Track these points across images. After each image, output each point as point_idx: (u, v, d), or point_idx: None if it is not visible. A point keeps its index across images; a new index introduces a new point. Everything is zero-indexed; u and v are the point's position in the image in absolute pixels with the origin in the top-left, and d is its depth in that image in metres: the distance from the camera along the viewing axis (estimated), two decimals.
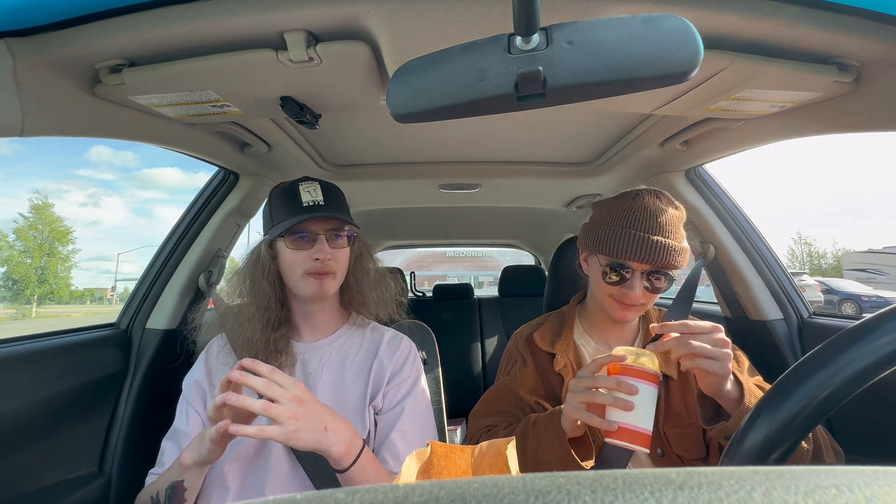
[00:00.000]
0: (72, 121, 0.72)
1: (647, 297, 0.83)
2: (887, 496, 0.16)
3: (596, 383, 0.67)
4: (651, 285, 0.82)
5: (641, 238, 0.79)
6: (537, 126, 1.19)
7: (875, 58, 0.64)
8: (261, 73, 0.68)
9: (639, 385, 0.64)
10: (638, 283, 0.81)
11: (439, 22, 0.58)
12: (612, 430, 0.64)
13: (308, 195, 0.84)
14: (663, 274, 0.82)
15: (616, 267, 0.83)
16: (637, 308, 0.85)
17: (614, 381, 0.65)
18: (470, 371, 2.31)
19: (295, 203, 0.83)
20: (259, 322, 0.83)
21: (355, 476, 0.67)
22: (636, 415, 0.63)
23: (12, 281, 40.11)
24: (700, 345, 0.66)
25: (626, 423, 0.64)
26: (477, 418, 0.96)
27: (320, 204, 0.84)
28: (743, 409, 0.67)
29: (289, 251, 0.83)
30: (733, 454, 0.40)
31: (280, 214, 0.84)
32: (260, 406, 0.60)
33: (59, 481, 0.97)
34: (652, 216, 0.82)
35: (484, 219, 2.34)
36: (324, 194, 0.85)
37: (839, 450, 0.73)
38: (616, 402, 0.64)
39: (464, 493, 0.16)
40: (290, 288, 0.87)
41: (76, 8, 0.55)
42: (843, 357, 0.37)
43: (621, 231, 0.82)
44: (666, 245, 0.79)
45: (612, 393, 0.65)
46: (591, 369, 0.70)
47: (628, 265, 0.82)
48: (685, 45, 0.34)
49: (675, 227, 0.83)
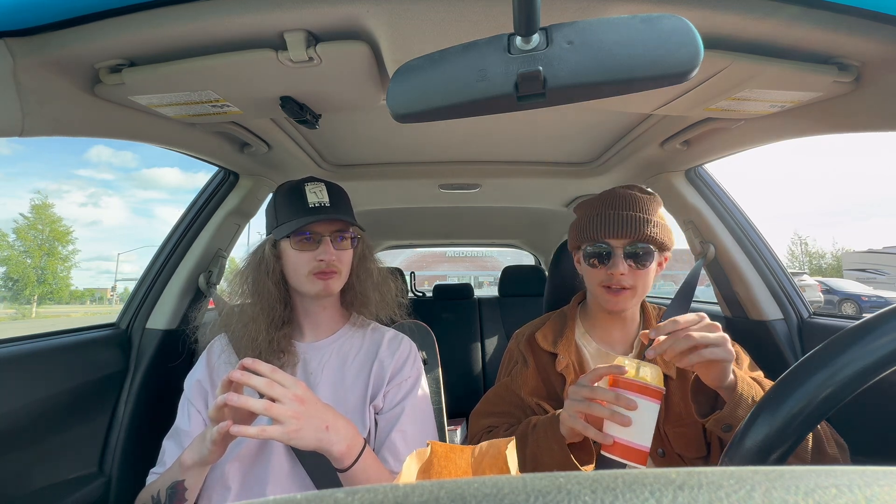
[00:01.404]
0: (72, 121, 0.72)
1: (634, 276, 0.84)
2: (887, 496, 0.16)
3: (595, 395, 0.66)
4: (635, 262, 0.84)
5: (615, 214, 0.85)
6: (537, 126, 1.18)
7: (875, 58, 0.64)
8: (261, 73, 0.68)
9: (638, 400, 0.63)
10: (620, 260, 0.84)
11: (439, 22, 0.58)
12: (608, 443, 0.63)
13: (314, 196, 0.84)
14: (643, 248, 0.84)
15: (597, 249, 0.87)
16: (627, 293, 0.85)
17: (613, 395, 0.64)
18: (470, 371, 2.31)
19: (300, 203, 0.83)
20: (263, 322, 0.83)
21: (357, 475, 0.67)
22: (633, 431, 0.62)
23: (12, 281, 40.12)
24: (701, 335, 0.66)
25: (622, 438, 0.62)
26: (478, 419, 0.96)
27: (326, 205, 0.84)
28: (736, 396, 0.68)
29: (293, 252, 0.83)
30: (733, 454, 0.40)
31: (285, 214, 0.84)
32: (261, 406, 0.60)
33: (59, 481, 0.97)
34: (622, 197, 0.88)
35: (484, 219, 2.34)
36: (329, 195, 0.86)
37: (842, 442, 0.72)
38: (614, 417, 0.63)
39: (464, 493, 0.16)
40: (295, 287, 0.87)
41: (76, 8, 0.55)
42: (843, 357, 0.37)
43: (596, 214, 0.87)
44: (639, 217, 0.84)
45: (610, 407, 0.64)
46: (590, 377, 0.69)
47: (608, 243, 0.85)
48: (685, 45, 0.34)
49: (648, 205, 0.87)
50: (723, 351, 0.66)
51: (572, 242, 0.96)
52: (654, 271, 0.87)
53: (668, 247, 0.87)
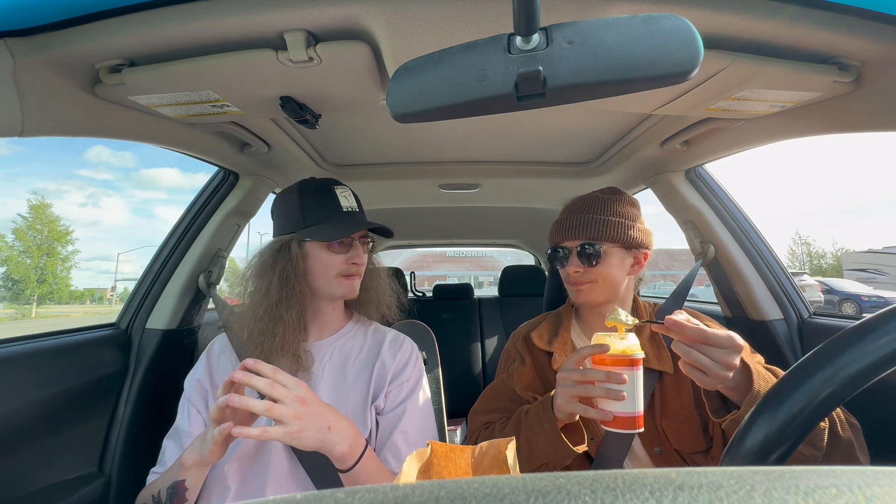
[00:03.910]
0: (72, 121, 0.72)
1: (589, 273, 0.89)
2: (887, 496, 0.16)
3: (586, 377, 0.67)
4: (586, 260, 0.89)
5: (568, 218, 0.92)
6: (537, 126, 1.19)
7: (875, 58, 0.64)
8: (261, 73, 0.68)
9: (626, 373, 0.65)
10: (573, 258, 0.90)
11: (439, 22, 0.58)
12: (609, 419, 0.65)
13: (345, 201, 0.87)
14: (591, 246, 0.88)
15: (557, 252, 0.93)
16: (585, 287, 0.89)
17: (604, 374, 0.66)
18: (470, 371, 2.31)
19: (334, 206, 0.85)
20: (270, 320, 0.81)
21: (358, 475, 0.67)
22: (628, 402, 0.65)
23: (12, 281, 40.11)
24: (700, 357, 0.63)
25: (620, 411, 0.65)
26: (476, 416, 0.97)
27: (356, 210, 0.88)
28: (754, 394, 0.64)
29: (326, 254, 0.84)
30: (733, 454, 0.40)
31: (317, 216, 0.84)
32: (263, 407, 0.60)
33: (59, 481, 0.97)
34: (581, 200, 0.94)
35: (484, 219, 2.34)
36: (356, 200, 0.90)
37: (854, 422, 0.70)
38: (609, 395, 0.65)
39: (464, 493, 0.16)
40: (319, 287, 0.86)
41: (76, 8, 0.55)
42: (844, 357, 0.37)
43: (559, 219, 0.95)
44: (590, 218, 0.89)
45: (602, 385, 0.66)
46: (575, 360, 0.70)
47: (563, 245, 0.92)
48: (685, 45, 0.34)
49: (607, 205, 0.91)
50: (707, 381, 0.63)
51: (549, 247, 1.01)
52: (617, 266, 0.89)
53: (630, 244, 0.89)
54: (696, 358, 0.62)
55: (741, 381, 0.66)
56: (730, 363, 0.62)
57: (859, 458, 0.65)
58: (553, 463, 0.75)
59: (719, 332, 0.63)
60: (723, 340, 0.62)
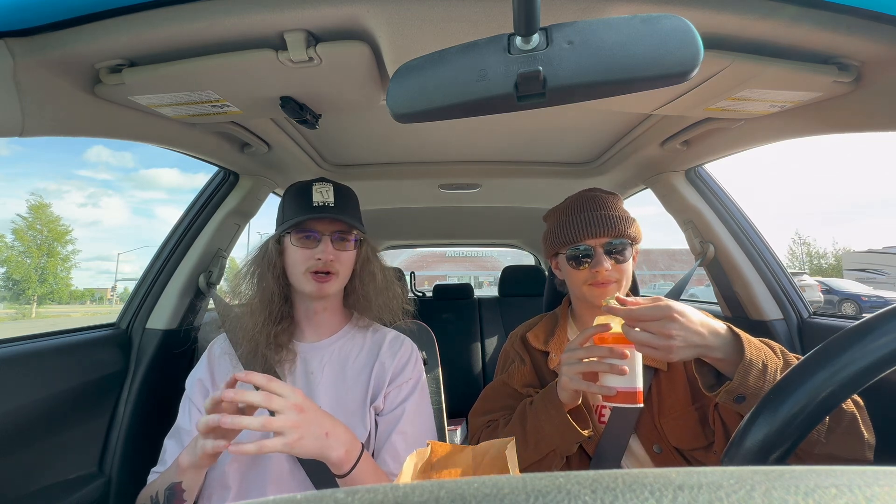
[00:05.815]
0: (72, 121, 0.72)
1: (618, 270, 0.88)
2: (887, 496, 0.16)
3: (591, 354, 0.71)
4: (616, 257, 0.87)
5: (589, 216, 0.89)
6: (537, 126, 1.19)
7: (875, 58, 0.64)
8: (261, 73, 0.68)
9: (626, 350, 0.69)
10: (603, 257, 0.87)
11: (439, 22, 0.58)
12: (612, 395, 0.69)
13: (319, 195, 0.86)
14: (621, 243, 0.88)
15: (578, 251, 0.89)
16: (613, 286, 0.88)
17: (607, 350, 0.69)
18: (470, 371, 2.31)
19: (305, 202, 0.85)
20: (261, 315, 0.84)
21: (355, 480, 0.67)
22: (629, 377, 0.69)
23: (12, 281, 40.10)
24: (636, 334, 0.64)
25: (622, 386, 0.69)
26: (476, 417, 0.98)
27: (330, 205, 0.86)
28: (745, 363, 0.61)
29: (293, 248, 0.85)
30: (733, 454, 0.40)
31: (291, 212, 0.86)
32: (259, 424, 0.59)
33: (59, 481, 0.97)
34: (590, 199, 0.92)
35: (484, 219, 2.34)
36: (335, 196, 0.87)
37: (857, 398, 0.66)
38: (613, 369, 0.68)
39: (464, 493, 0.16)
40: (294, 284, 0.88)
41: (76, 8, 0.55)
42: (843, 357, 0.37)
43: (571, 219, 0.91)
44: (612, 215, 0.88)
45: (605, 361, 0.70)
46: (580, 340, 0.74)
47: (587, 244, 0.88)
48: (685, 45, 0.34)
49: (614, 203, 0.92)
50: (659, 354, 0.62)
51: (549, 250, 0.98)
52: (632, 262, 0.91)
53: (639, 240, 0.92)
54: (636, 337, 0.64)
55: (732, 353, 0.64)
56: (667, 333, 0.61)
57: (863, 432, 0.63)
58: (560, 449, 0.77)
59: (644, 307, 0.64)
60: (648, 313, 0.63)
